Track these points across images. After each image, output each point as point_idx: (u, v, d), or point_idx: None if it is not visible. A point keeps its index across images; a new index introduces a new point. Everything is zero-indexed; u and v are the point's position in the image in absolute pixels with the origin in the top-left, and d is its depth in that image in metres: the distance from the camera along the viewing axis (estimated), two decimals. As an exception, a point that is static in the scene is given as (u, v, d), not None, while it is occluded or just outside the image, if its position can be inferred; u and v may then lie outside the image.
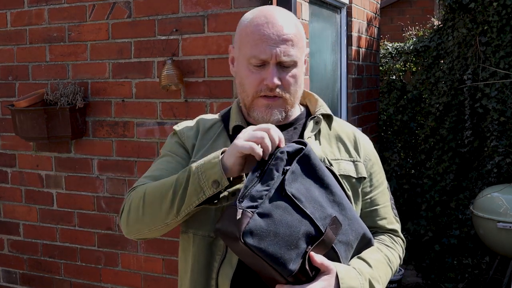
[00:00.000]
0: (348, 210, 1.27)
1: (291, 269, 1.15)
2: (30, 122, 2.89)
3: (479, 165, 4.52)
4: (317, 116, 1.42)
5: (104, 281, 3.10)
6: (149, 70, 2.85)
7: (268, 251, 1.12)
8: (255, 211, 1.14)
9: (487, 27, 4.30)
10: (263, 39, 1.29)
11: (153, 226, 1.29)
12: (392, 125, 5.41)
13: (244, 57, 1.33)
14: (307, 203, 1.19)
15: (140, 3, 2.83)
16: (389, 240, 1.49)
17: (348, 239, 1.27)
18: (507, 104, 4.21)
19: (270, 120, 1.34)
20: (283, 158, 1.20)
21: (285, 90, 1.33)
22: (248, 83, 1.33)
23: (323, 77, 3.78)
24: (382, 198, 1.48)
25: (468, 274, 4.28)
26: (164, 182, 1.28)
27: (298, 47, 1.33)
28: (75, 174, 3.10)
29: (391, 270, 1.42)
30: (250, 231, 1.12)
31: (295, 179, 1.20)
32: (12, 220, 3.32)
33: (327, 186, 1.24)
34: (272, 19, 1.31)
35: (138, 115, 2.90)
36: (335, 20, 3.98)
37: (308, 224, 1.18)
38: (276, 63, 1.30)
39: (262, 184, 1.17)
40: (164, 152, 1.45)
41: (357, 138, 1.47)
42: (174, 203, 1.24)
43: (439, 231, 4.67)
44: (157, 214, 1.27)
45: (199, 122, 1.46)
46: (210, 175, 1.19)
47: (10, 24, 3.16)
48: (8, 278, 3.38)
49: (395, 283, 4.35)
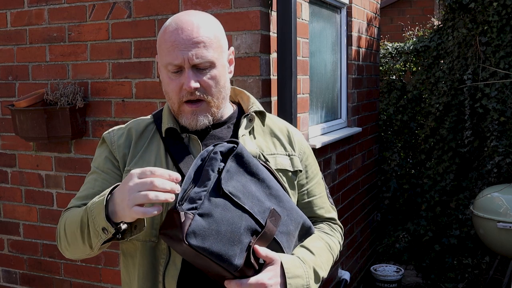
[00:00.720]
0: (285, 201, 1.32)
1: (236, 264, 1.18)
2: (30, 122, 2.89)
3: (479, 165, 4.52)
4: (250, 114, 1.43)
5: (104, 281, 3.10)
6: (149, 70, 2.85)
7: (212, 250, 1.15)
8: (196, 212, 1.16)
9: (487, 27, 4.30)
10: (175, 45, 1.30)
11: (80, 254, 1.36)
12: (392, 125, 5.41)
13: (162, 65, 1.35)
14: (245, 199, 1.23)
15: (140, 3, 2.83)
16: (328, 228, 1.54)
17: (288, 229, 1.31)
18: (507, 104, 4.21)
19: (197, 126, 1.36)
20: (217, 158, 1.23)
21: (206, 93, 1.34)
22: (170, 91, 1.35)
23: (323, 77, 3.78)
24: (318, 189, 1.54)
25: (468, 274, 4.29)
26: (75, 218, 1.31)
27: (213, 47, 1.32)
28: (75, 174, 3.10)
29: (332, 256, 1.48)
30: (193, 232, 1.14)
31: (230, 177, 1.23)
32: (12, 220, 3.32)
33: (263, 181, 1.29)
34: (182, 24, 1.32)
35: (138, 115, 2.90)
36: (335, 20, 3.98)
37: (249, 218, 1.22)
38: (192, 67, 1.31)
39: (200, 185, 1.20)
40: (93, 168, 1.46)
41: (291, 133, 1.51)
42: (85, 240, 1.28)
43: (439, 231, 4.67)
44: (78, 247, 1.33)
45: (132, 128, 1.46)
46: (99, 222, 1.21)
47: (10, 24, 3.16)
48: (8, 278, 3.38)
49: (395, 283, 4.35)
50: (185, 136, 1.39)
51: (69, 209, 1.41)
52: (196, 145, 1.38)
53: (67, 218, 1.36)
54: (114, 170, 1.42)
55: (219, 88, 1.35)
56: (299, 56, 2.95)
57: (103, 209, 1.20)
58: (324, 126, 3.66)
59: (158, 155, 1.39)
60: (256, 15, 2.57)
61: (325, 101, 3.85)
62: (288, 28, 2.64)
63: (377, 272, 4.44)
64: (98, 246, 1.26)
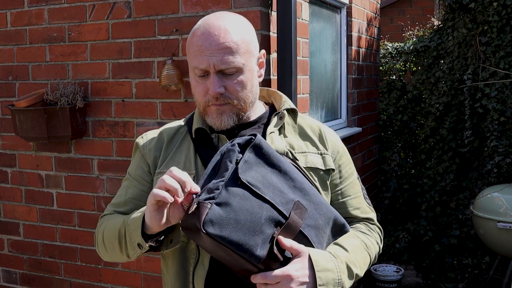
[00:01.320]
0: (312, 195, 1.29)
1: (259, 255, 1.16)
2: (30, 122, 2.89)
3: (479, 165, 4.52)
4: (281, 112, 1.43)
5: (104, 281, 3.10)
6: (149, 70, 2.85)
7: (231, 238, 1.14)
8: (213, 201, 1.16)
9: (487, 27, 4.30)
10: (201, 50, 1.30)
11: (119, 260, 1.43)
12: (392, 125, 5.41)
13: (190, 68, 1.36)
14: (265, 189, 1.21)
15: (140, 3, 2.83)
16: (365, 228, 1.50)
17: (317, 223, 1.28)
18: (507, 104, 4.21)
19: (222, 126, 1.36)
20: (234, 149, 1.23)
21: (232, 97, 1.33)
22: (197, 94, 1.36)
23: (323, 77, 3.78)
24: (353, 189, 1.50)
25: (468, 274, 4.28)
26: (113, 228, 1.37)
27: (240, 53, 1.31)
28: (75, 174, 3.10)
29: (369, 255, 1.43)
30: (210, 220, 1.13)
31: (249, 167, 1.22)
32: (12, 220, 3.32)
33: (285, 173, 1.26)
34: (210, 28, 1.31)
35: (138, 115, 2.91)
36: (335, 20, 3.98)
37: (270, 209, 1.20)
38: (217, 72, 1.30)
39: (218, 176, 1.20)
40: (127, 174, 1.51)
41: (323, 132, 1.49)
42: (122, 250, 1.35)
43: (439, 231, 4.67)
44: (116, 255, 1.39)
45: (163, 133, 1.48)
46: (135, 238, 1.27)
47: (10, 24, 3.16)
48: (8, 278, 3.38)
49: (395, 283, 4.35)
50: (214, 136, 1.39)
51: (105, 216, 1.47)
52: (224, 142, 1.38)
53: (106, 227, 1.41)
54: (144, 177, 1.45)
55: (245, 92, 1.34)
56: (299, 56, 2.95)
57: (139, 226, 1.25)
58: (324, 126, 3.66)
59: (187, 156, 1.40)
60: (256, 15, 2.57)
61: (325, 101, 3.85)
62: (288, 28, 2.64)
63: (377, 272, 4.43)
64: (135, 256, 1.33)
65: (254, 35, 1.40)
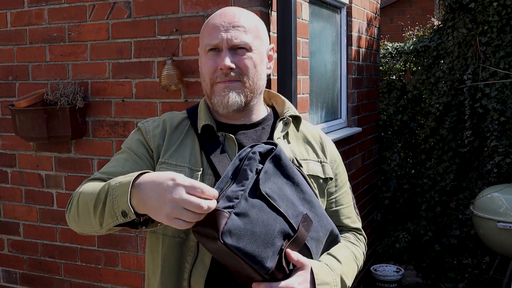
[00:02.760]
0: (317, 207, 1.31)
1: (268, 266, 1.17)
2: (30, 122, 2.89)
3: (479, 165, 4.52)
4: (286, 118, 1.43)
5: (104, 281, 3.10)
6: (149, 70, 2.85)
7: (246, 250, 1.14)
8: (232, 211, 1.15)
9: (487, 27, 4.30)
10: (215, 27, 1.34)
11: (87, 230, 1.31)
12: (392, 125, 5.41)
13: (202, 49, 1.38)
14: (281, 201, 1.22)
15: (140, 3, 2.83)
16: (354, 238, 1.54)
17: (318, 236, 1.30)
18: (507, 104, 4.21)
19: (229, 103, 1.34)
20: (255, 158, 1.22)
21: (242, 73, 1.33)
22: (205, 70, 1.36)
23: (323, 77, 3.78)
24: (346, 198, 1.53)
25: (468, 274, 4.29)
26: (93, 191, 1.25)
27: (252, 34, 1.35)
28: (75, 174, 3.10)
29: (357, 266, 1.48)
30: (229, 231, 1.13)
31: (268, 178, 1.22)
32: (12, 220, 3.32)
33: (298, 185, 1.28)
34: (225, 11, 1.38)
35: (138, 115, 2.90)
36: (335, 20, 3.98)
37: (283, 222, 1.21)
38: (229, 48, 1.33)
39: (237, 184, 1.19)
40: (124, 148, 1.43)
41: (323, 140, 1.50)
42: (96, 216, 1.22)
43: (439, 231, 4.67)
44: (87, 221, 1.27)
45: (166, 120, 1.45)
46: (120, 204, 1.15)
47: (10, 24, 3.16)
48: (8, 278, 3.38)
49: (395, 283, 4.35)
50: (221, 134, 1.38)
51: (91, 180, 1.36)
52: (232, 144, 1.37)
53: (85, 188, 1.30)
54: (147, 157, 1.39)
55: (255, 73, 1.35)
56: (299, 56, 2.95)
57: (127, 192, 1.13)
58: (324, 126, 3.66)
59: (193, 152, 1.37)
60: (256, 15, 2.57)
61: (325, 101, 3.85)
62: (288, 28, 2.64)
63: (377, 272, 4.43)
64: (109, 227, 1.21)
65: (265, 28, 1.44)
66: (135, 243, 2.98)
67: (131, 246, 3.00)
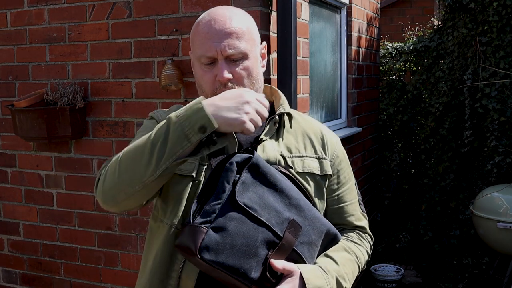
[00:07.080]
0: (306, 211, 1.28)
1: (252, 277, 1.17)
2: (30, 122, 2.89)
3: (479, 165, 4.51)
4: (274, 117, 1.40)
5: (104, 281, 3.10)
6: (149, 70, 2.85)
7: (227, 264, 1.14)
8: (209, 225, 1.15)
9: (487, 27, 4.29)
10: (207, 37, 1.31)
11: (129, 188, 1.22)
12: (392, 125, 5.41)
13: (196, 58, 1.36)
14: (262, 210, 1.21)
15: (140, 3, 2.83)
16: (357, 237, 1.50)
17: (310, 239, 1.28)
18: (507, 104, 4.21)
19: None
20: (232, 169, 1.21)
21: (238, 83, 1.33)
22: (204, 83, 1.35)
23: (323, 77, 3.78)
24: (350, 195, 1.50)
25: (468, 274, 4.29)
26: (138, 142, 1.23)
27: (245, 39, 1.33)
28: (75, 174, 3.10)
29: (358, 267, 1.44)
30: (206, 247, 1.13)
31: (246, 188, 1.21)
32: (12, 220, 3.32)
33: (282, 191, 1.26)
34: (215, 15, 1.34)
35: (138, 115, 2.90)
36: (335, 20, 3.98)
37: (265, 231, 1.20)
38: (225, 58, 1.31)
39: (215, 198, 1.19)
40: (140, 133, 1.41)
41: (324, 135, 1.48)
42: (153, 155, 1.18)
43: (439, 231, 4.67)
44: (134, 171, 1.21)
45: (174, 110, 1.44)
46: (196, 121, 1.17)
47: (10, 24, 3.16)
48: (8, 278, 3.38)
49: (395, 283, 4.35)
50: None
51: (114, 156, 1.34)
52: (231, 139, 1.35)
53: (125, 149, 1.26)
54: None
55: (251, 79, 1.35)
56: (299, 56, 2.95)
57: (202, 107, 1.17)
58: (324, 126, 3.66)
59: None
60: (256, 15, 2.57)
61: (325, 101, 3.85)
62: (288, 28, 2.64)
63: (377, 272, 4.43)
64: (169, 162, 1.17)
65: (256, 27, 1.41)
66: (135, 243, 2.98)
67: (131, 246, 3.00)
